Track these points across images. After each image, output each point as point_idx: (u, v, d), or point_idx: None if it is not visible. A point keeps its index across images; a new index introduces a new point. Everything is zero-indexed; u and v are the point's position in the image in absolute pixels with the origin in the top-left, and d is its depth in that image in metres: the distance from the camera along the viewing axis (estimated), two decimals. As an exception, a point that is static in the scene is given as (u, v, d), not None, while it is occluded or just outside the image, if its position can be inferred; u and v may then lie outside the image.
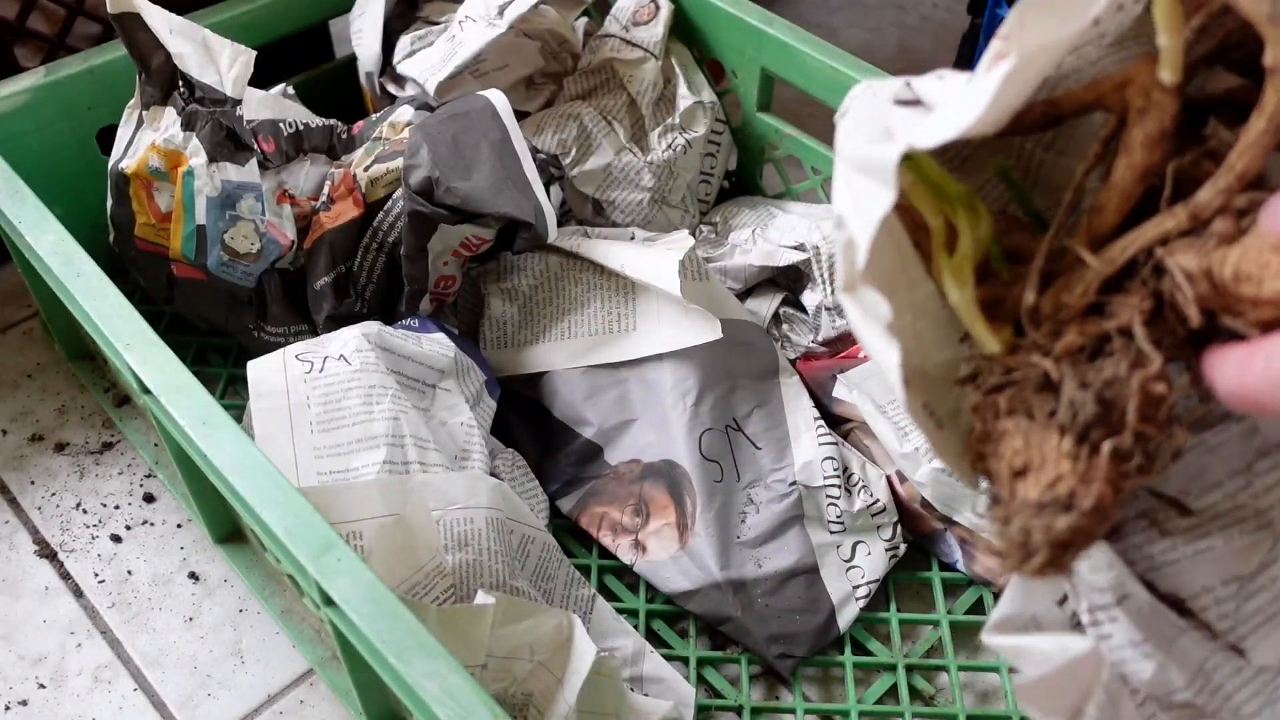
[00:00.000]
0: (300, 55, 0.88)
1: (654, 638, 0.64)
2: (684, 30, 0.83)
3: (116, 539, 0.69)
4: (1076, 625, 0.32)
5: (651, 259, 0.67)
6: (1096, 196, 0.30)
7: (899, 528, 0.67)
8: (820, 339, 0.72)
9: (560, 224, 0.75)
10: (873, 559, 0.66)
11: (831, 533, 0.66)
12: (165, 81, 0.67)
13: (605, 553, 0.68)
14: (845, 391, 0.68)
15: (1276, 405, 0.25)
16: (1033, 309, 0.30)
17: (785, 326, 0.74)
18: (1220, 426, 0.32)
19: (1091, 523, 0.27)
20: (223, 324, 0.72)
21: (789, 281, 0.76)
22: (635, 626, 0.64)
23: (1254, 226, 0.27)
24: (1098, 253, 0.29)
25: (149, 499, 0.71)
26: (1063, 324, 0.29)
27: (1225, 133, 0.29)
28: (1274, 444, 0.31)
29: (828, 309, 0.72)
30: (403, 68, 0.77)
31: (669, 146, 0.79)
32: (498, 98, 0.69)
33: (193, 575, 0.67)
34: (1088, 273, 0.29)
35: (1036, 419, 0.28)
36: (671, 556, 0.65)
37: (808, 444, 0.68)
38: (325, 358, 0.60)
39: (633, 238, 0.74)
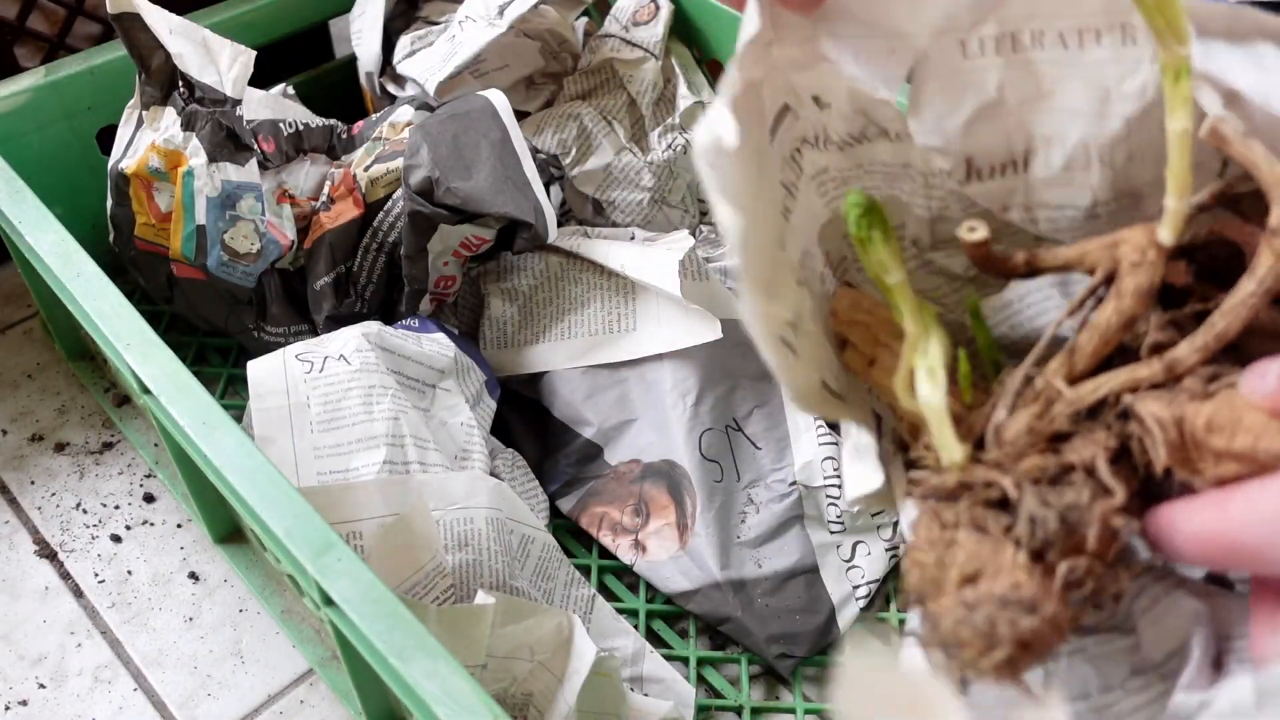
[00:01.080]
0: (300, 55, 0.88)
1: (654, 638, 0.64)
2: (684, 30, 0.83)
3: (116, 539, 0.69)
4: None
5: (651, 259, 0.67)
6: (1077, 337, 0.30)
7: (899, 528, 0.67)
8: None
9: (560, 224, 0.75)
10: (873, 559, 0.66)
11: (832, 533, 0.66)
12: (165, 81, 0.67)
13: (605, 553, 0.68)
14: (845, 391, 0.68)
15: (1257, 547, 0.25)
16: (1000, 428, 0.30)
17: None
18: (1105, 636, 0.32)
19: (1050, 633, 0.27)
20: (223, 324, 0.72)
21: (789, 281, 0.75)
22: (635, 626, 0.64)
23: (1225, 390, 0.28)
24: (1070, 389, 0.30)
25: (149, 499, 0.71)
26: (1025, 449, 0.30)
27: (1210, 289, 0.30)
28: (1150, 664, 0.31)
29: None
30: (403, 68, 0.77)
31: (669, 146, 0.79)
32: (498, 98, 0.69)
33: (193, 575, 0.67)
34: (1057, 405, 0.30)
35: (990, 533, 0.28)
36: (671, 556, 0.65)
37: (808, 444, 0.68)
38: (325, 358, 0.60)
39: (633, 238, 0.74)
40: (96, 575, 0.67)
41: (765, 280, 0.30)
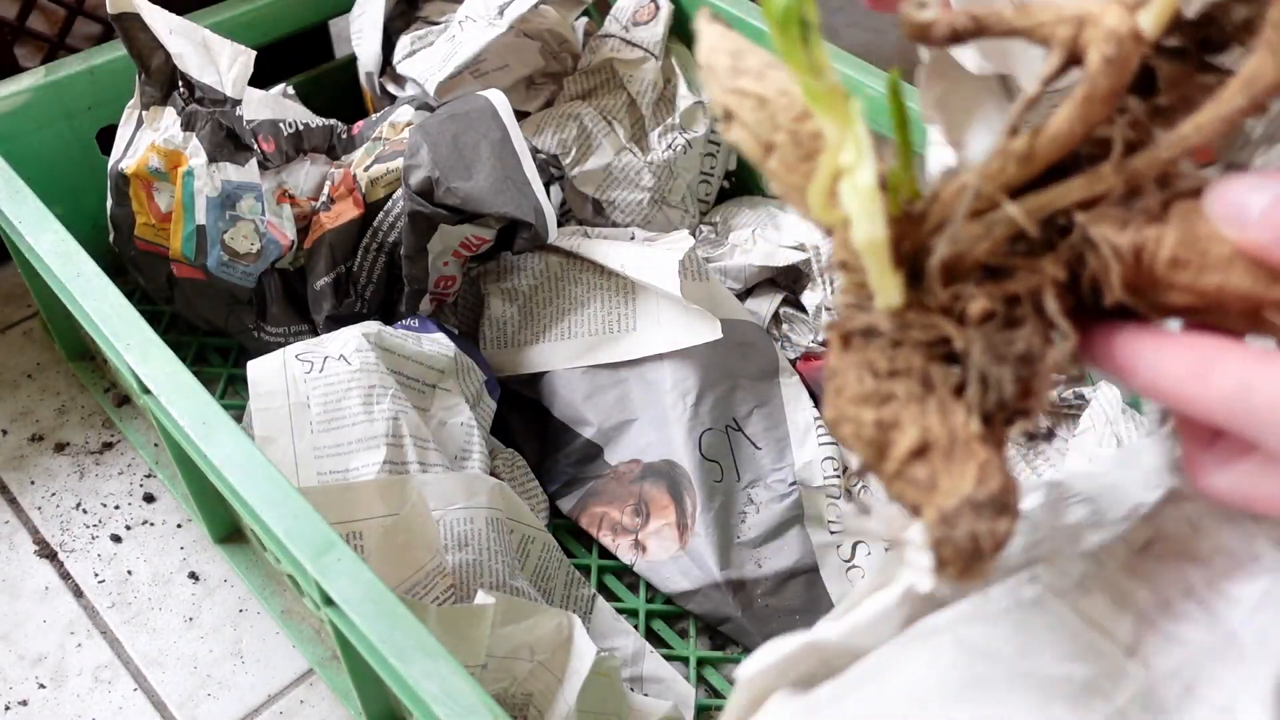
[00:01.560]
0: (300, 55, 0.88)
1: (654, 638, 0.64)
2: (684, 30, 0.83)
3: (116, 539, 0.69)
4: None
5: (651, 259, 0.67)
6: (1023, 142, 0.26)
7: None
8: (820, 339, 0.72)
9: (560, 224, 0.75)
10: (873, 559, 0.66)
11: (832, 533, 0.66)
12: (165, 82, 0.67)
13: (605, 553, 0.68)
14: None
15: (1228, 419, 0.23)
16: (948, 262, 0.26)
17: (785, 326, 0.74)
18: None
19: (1015, 524, 0.25)
20: (223, 324, 0.72)
21: (789, 281, 0.76)
22: (635, 626, 0.64)
23: (1185, 209, 0.25)
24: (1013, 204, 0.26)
25: (149, 499, 0.71)
26: (962, 281, 0.26)
27: (1190, 76, 0.27)
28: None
29: (828, 309, 0.72)
30: (403, 68, 0.77)
31: (669, 146, 0.79)
32: (498, 98, 0.69)
33: (193, 575, 0.67)
34: (996, 224, 0.26)
35: (936, 390, 0.25)
36: (671, 556, 0.65)
37: (808, 444, 0.68)
38: (325, 357, 0.60)
39: (633, 238, 0.74)
40: (96, 575, 0.67)
41: None
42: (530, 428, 0.71)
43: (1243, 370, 0.23)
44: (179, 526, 0.69)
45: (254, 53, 0.68)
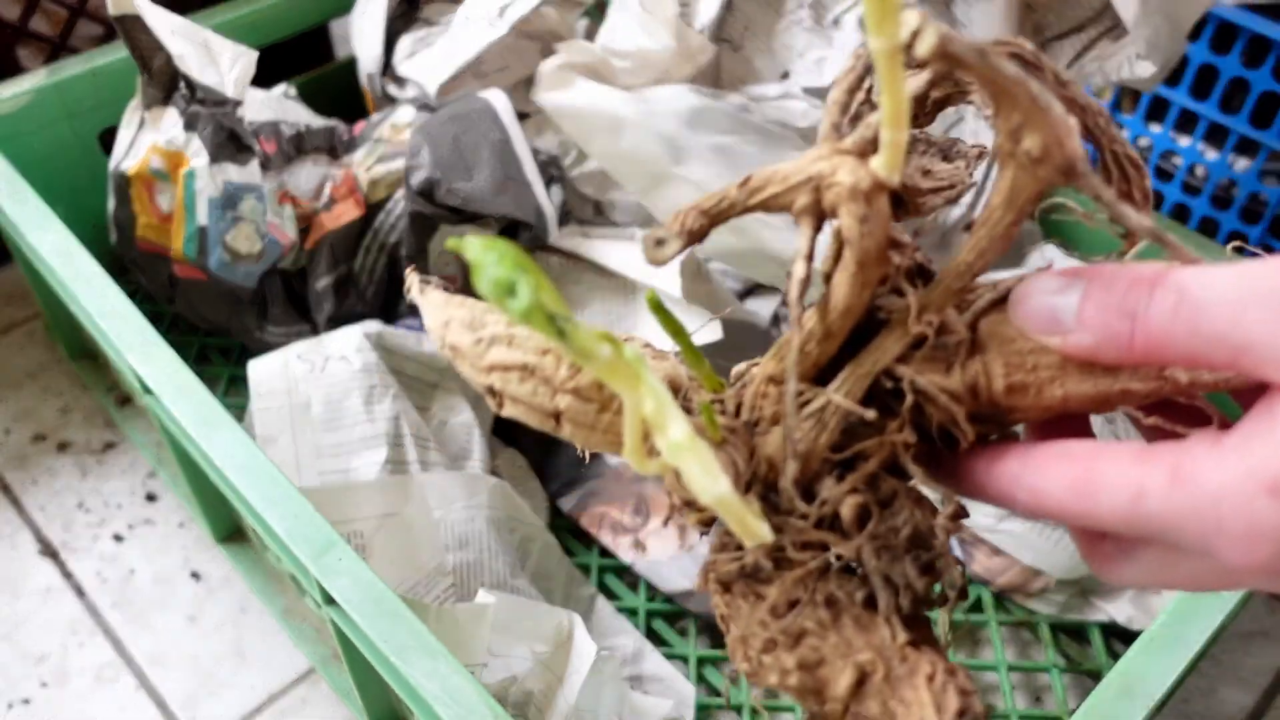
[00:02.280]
0: (301, 56, 0.88)
1: (654, 636, 0.65)
2: (684, 31, 0.83)
3: (118, 538, 0.69)
4: None
5: (651, 259, 0.67)
6: (816, 323, 0.25)
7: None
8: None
9: (560, 224, 0.75)
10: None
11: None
12: (166, 82, 0.67)
13: (605, 552, 0.68)
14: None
15: (1096, 516, 0.22)
16: (802, 480, 0.25)
17: (785, 326, 0.75)
18: None
19: None
20: (224, 324, 0.73)
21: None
22: (635, 625, 0.64)
23: (1001, 321, 0.24)
24: (825, 385, 0.25)
25: (151, 498, 0.71)
26: (817, 482, 0.25)
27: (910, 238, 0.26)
28: None
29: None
30: (403, 69, 0.78)
31: (669, 147, 0.79)
32: (499, 98, 0.69)
33: (194, 575, 0.67)
34: (828, 414, 0.24)
35: (844, 609, 0.24)
36: (671, 556, 0.66)
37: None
38: (326, 357, 0.60)
39: (633, 238, 0.74)
40: (98, 574, 0.67)
41: None
42: (530, 427, 0.71)
43: (1129, 481, 0.22)
44: (181, 526, 0.70)
45: (255, 53, 0.68)
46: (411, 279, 0.28)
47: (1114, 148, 0.25)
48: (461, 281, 0.72)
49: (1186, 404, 0.24)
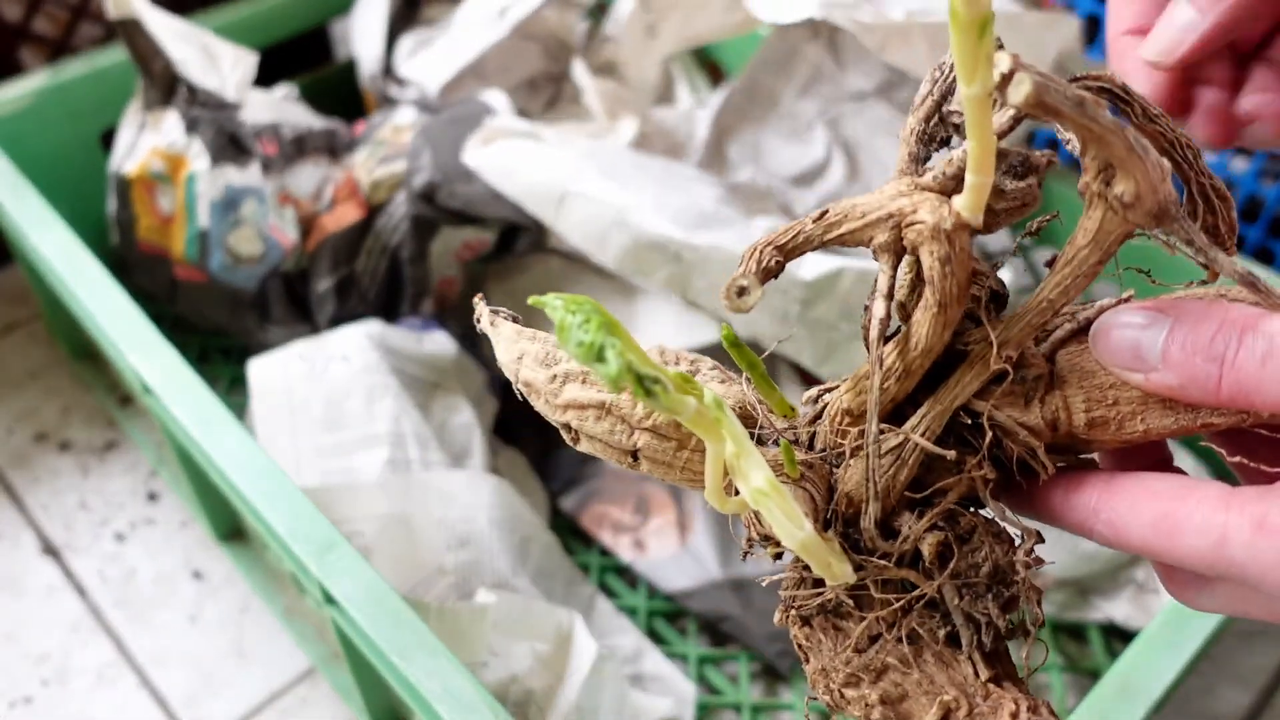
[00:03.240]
0: (301, 57, 0.89)
1: (654, 636, 0.65)
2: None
3: (120, 538, 0.69)
4: None
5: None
6: (895, 359, 0.25)
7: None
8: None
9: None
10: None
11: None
12: (167, 85, 0.67)
13: (605, 551, 0.68)
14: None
15: (1192, 559, 0.22)
16: (882, 517, 0.25)
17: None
18: None
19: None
20: (225, 326, 0.73)
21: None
22: (636, 624, 0.64)
23: (1081, 354, 0.24)
24: (902, 423, 0.25)
25: (152, 498, 0.71)
26: (897, 518, 0.25)
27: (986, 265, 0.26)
28: None
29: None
30: (404, 70, 0.78)
31: (669, 147, 0.79)
32: (500, 101, 0.69)
33: (196, 574, 0.67)
34: (906, 451, 0.24)
35: (926, 645, 0.24)
36: (671, 555, 0.66)
37: (807, 444, 0.68)
38: (327, 357, 0.60)
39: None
40: (100, 574, 0.67)
41: None
42: (531, 427, 0.71)
43: (1212, 524, 0.22)
44: (182, 525, 0.70)
45: (256, 56, 0.68)
46: (481, 309, 0.28)
47: (1201, 180, 0.25)
48: (461, 286, 0.72)
49: (1269, 435, 0.24)
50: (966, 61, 0.20)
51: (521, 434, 0.71)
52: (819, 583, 0.25)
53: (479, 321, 0.28)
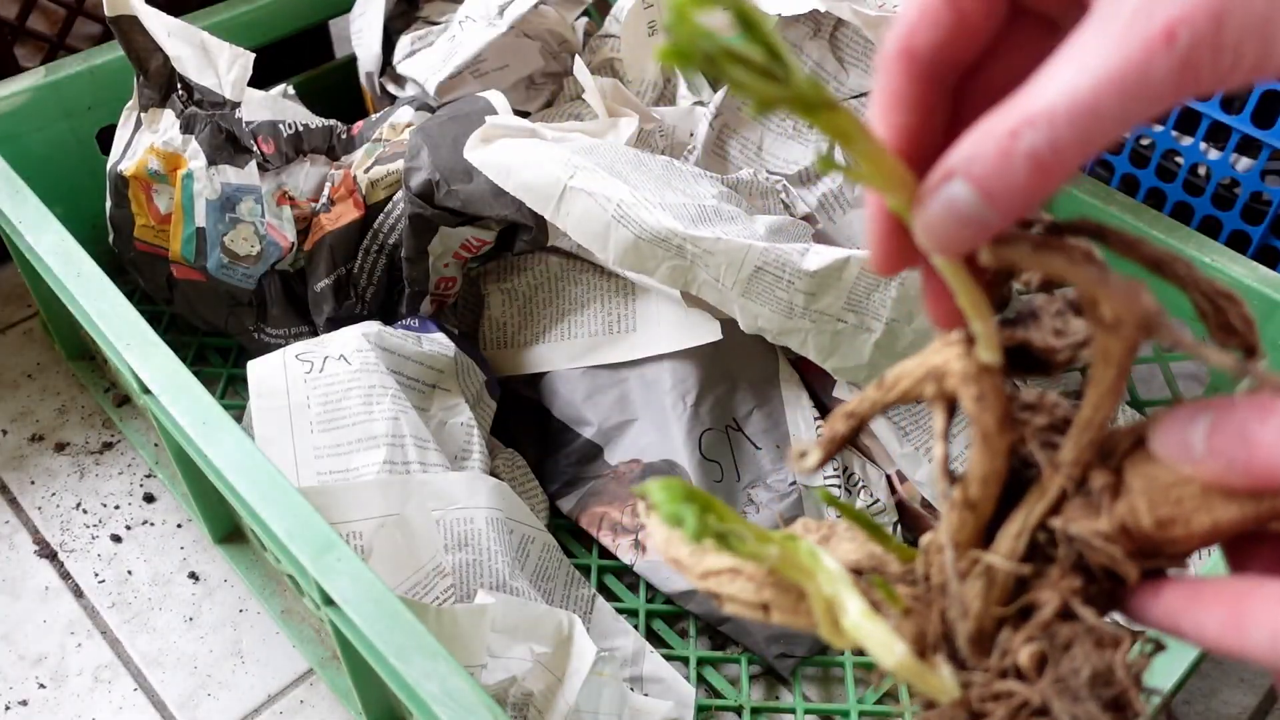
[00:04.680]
0: (300, 55, 0.88)
1: (654, 638, 0.64)
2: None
3: (116, 539, 0.69)
4: None
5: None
6: (959, 495, 0.27)
7: (899, 528, 0.67)
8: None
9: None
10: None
11: (831, 533, 0.66)
12: (163, 84, 0.67)
13: (605, 552, 0.68)
14: (845, 391, 0.68)
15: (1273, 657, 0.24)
16: (976, 632, 0.27)
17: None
18: None
19: None
20: (223, 326, 0.72)
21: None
22: (635, 626, 0.64)
23: (1143, 459, 0.26)
24: (988, 547, 0.27)
25: (149, 499, 0.71)
26: (995, 634, 0.27)
27: (1054, 395, 0.28)
28: None
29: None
30: (403, 68, 0.77)
31: (669, 147, 0.79)
32: (498, 99, 0.69)
33: (193, 575, 0.67)
34: (993, 574, 0.27)
35: None
36: (671, 556, 0.65)
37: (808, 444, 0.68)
38: (325, 358, 0.60)
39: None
40: (97, 575, 0.67)
41: None
42: (530, 428, 0.71)
43: (1273, 621, 0.23)
44: (179, 526, 0.69)
45: (253, 55, 0.68)
46: (650, 523, 0.31)
47: (1200, 289, 0.27)
48: (459, 286, 0.72)
49: None
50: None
51: (520, 435, 0.71)
52: (932, 704, 0.28)
53: (637, 518, 0.31)
